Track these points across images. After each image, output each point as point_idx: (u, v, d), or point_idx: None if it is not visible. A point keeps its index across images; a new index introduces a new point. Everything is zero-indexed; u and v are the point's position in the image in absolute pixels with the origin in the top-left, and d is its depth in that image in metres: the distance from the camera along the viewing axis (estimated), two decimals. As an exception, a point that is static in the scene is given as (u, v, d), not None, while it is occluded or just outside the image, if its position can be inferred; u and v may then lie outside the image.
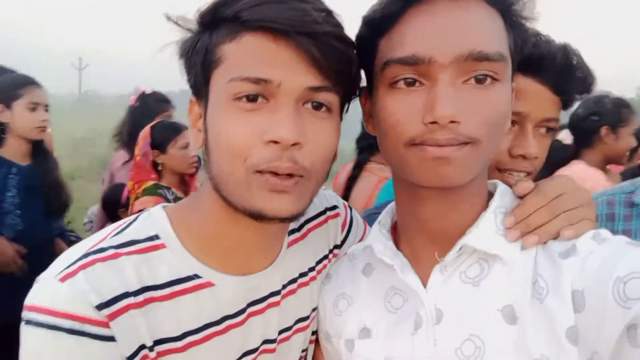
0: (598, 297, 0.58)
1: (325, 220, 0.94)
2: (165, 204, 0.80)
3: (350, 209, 1.02)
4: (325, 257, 0.93)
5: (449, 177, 0.64)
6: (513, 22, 0.68)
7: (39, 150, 2.34)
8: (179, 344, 0.70)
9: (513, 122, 0.92)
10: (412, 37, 0.64)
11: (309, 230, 0.91)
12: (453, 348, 0.68)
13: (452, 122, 0.61)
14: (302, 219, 0.90)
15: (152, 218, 0.75)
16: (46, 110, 2.29)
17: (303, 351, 0.89)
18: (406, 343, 0.73)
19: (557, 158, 2.38)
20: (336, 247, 0.95)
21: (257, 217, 0.67)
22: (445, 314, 0.71)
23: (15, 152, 2.24)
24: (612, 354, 0.57)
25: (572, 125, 2.53)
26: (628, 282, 0.56)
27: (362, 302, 0.82)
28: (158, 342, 0.68)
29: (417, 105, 0.64)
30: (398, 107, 0.65)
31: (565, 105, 0.96)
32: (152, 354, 0.67)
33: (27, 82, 2.27)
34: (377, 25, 0.68)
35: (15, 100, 2.20)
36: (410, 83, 0.65)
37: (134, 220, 0.75)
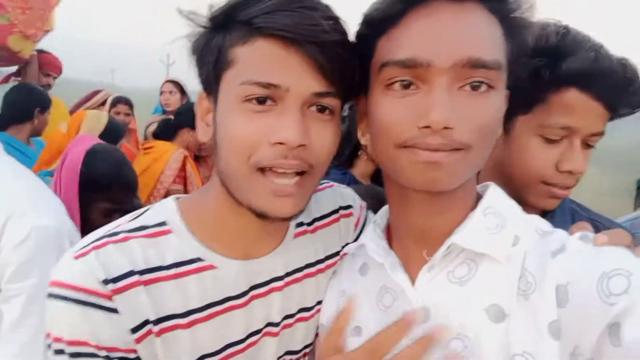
0: (582, 291, 0.59)
1: (338, 219, 0.96)
2: (179, 195, 0.85)
3: (367, 210, 1.01)
4: (337, 253, 0.94)
5: (438, 181, 0.64)
6: (512, 30, 0.67)
7: (379, 173, 2.29)
8: (183, 321, 0.74)
9: (561, 137, 0.90)
10: (411, 40, 0.64)
11: (319, 227, 0.93)
12: (440, 347, 0.69)
13: (446, 128, 0.61)
14: (313, 215, 0.93)
15: (163, 207, 0.81)
16: None
17: (307, 346, 0.90)
18: None
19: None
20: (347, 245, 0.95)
21: (260, 216, 0.72)
22: (432, 313, 0.71)
23: (363, 173, 2.26)
24: (593, 349, 0.56)
25: None
26: (612, 278, 0.57)
27: (357, 300, 0.83)
28: (163, 319, 0.72)
29: (412, 108, 0.63)
30: (393, 109, 0.65)
31: (612, 118, 0.92)
32: (156, 329, 0.72)
33: None
34: (377, 25, 0.68)
35: None
36: (407, 86, 0.64)
37: (148, 209, 0.81)
